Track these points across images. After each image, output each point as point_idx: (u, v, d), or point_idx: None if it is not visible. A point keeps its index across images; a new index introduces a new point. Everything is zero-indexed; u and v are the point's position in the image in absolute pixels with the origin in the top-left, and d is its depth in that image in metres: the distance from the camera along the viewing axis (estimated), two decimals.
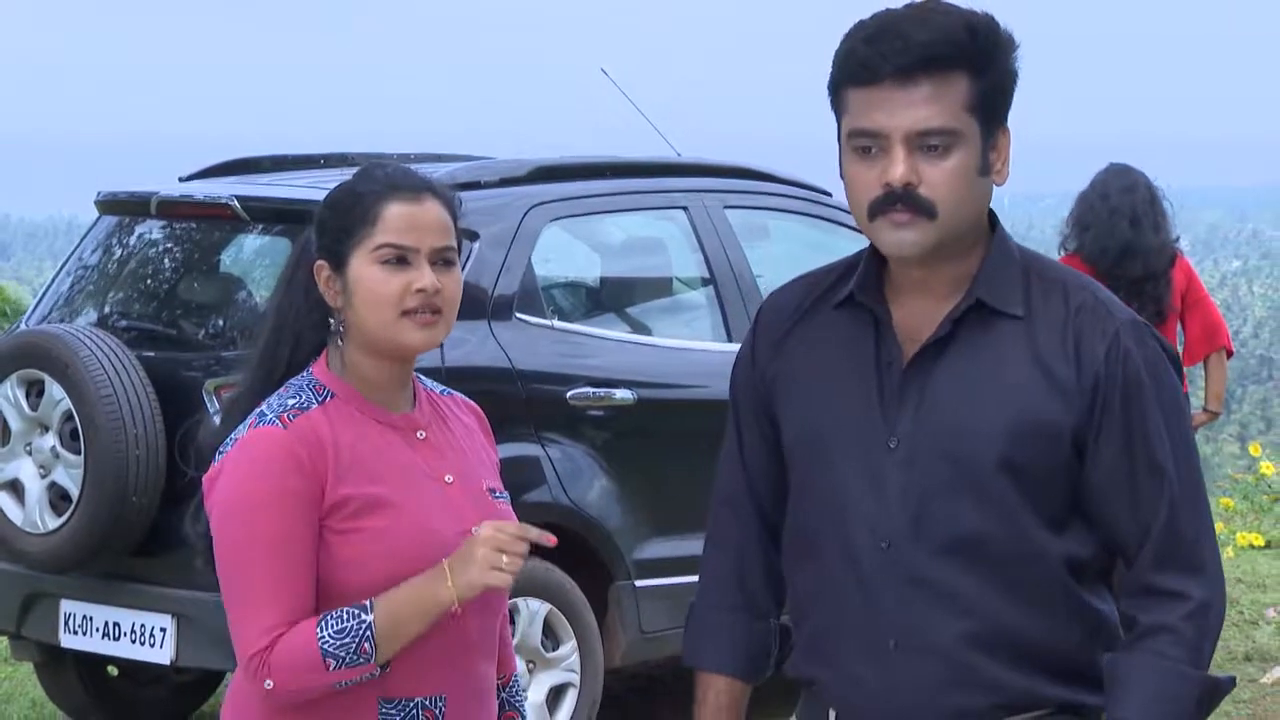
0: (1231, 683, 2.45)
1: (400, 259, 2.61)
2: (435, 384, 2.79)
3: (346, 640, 2.53)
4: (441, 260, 2.63)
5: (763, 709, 5.83)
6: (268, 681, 2.55)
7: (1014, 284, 2.44)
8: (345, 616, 2.54)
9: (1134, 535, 2.41)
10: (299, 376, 2.66)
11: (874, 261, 2.49)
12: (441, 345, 5.45)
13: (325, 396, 2.64)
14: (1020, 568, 2.41)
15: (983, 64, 2.38)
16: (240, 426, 2.63)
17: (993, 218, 2.49)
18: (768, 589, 2.62)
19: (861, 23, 2.41)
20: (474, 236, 5.77)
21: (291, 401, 2.63)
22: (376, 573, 2.58)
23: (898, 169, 2.36)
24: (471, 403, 2.82)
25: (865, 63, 2.36)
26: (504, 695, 2.82)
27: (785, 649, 2.63)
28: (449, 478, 2.66)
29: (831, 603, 2.48)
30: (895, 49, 2.35)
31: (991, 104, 2.40)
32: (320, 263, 2.66)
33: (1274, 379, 42.50)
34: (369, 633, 2.53)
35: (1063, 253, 6.89)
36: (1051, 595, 2.42)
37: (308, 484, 2.58)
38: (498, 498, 2.70)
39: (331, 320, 2.67)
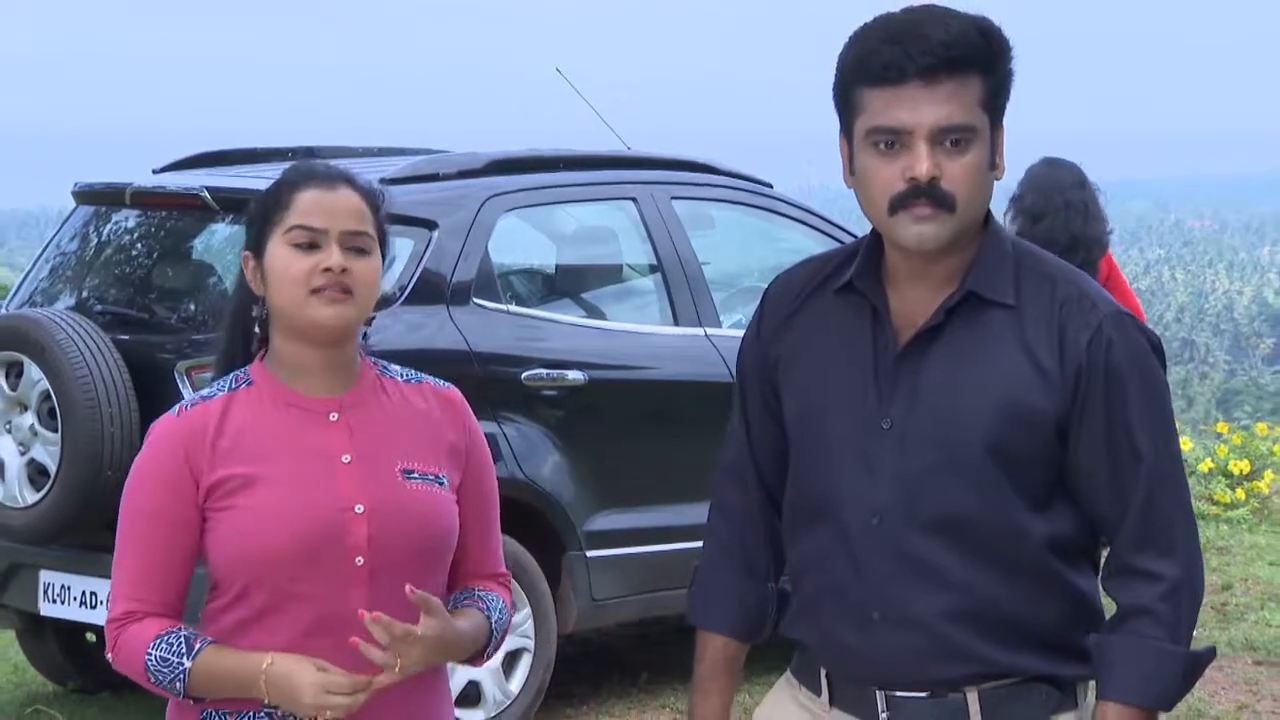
0: (1212, 653, 2.45)
1: (311, 243, 2.57)
2: (405, 370, 2.73)
3: (164, 670, 2.58)
4: (353, 247, 2.58)
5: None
6: (109, 655, 2.63)
7: (1005, 275, 2.42)
8: (173, 648, 2.58)
9: (1113, 517, 2.40)
10: (242, 368, 2.66)
11: (872, 250, 2.47)
12: (402, 329, 5.58)
13: (242, 384, 2.64)
14: (1003, 546, 2.39)
15: (992, 64, 2.37)
16: None
17: (987, 211, 2.48)
18: (767, 554, 2.61)
19: (871, 26, 2.38)
20: (433, 226, 5.76)
21: (206, 391, 2.64)
22: (243, 546, 2.57)
23: (923, 164, 2.33)
24: (446, 390, 2.73)
25: (891, 63, 2.33)
26: (461, 594, 2.74)
27: (782, 611, 2.63)
28: (346, 458, 2.61)
29: (823, 572, 2.47)
30: (920, 49, 2.32)
31: (997, 103, 2.40)
32: (246, 253, 2.64)
33: (1195, 360, 42.78)
34: (182, 675, 2.57)
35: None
36: (1033, 572, 2.40)
37: (177, 471, 2.59)
38: (413, 479, 2.63)
39: (255, 307, 2.64)
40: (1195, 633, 7.47)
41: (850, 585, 2.44)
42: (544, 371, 5.86)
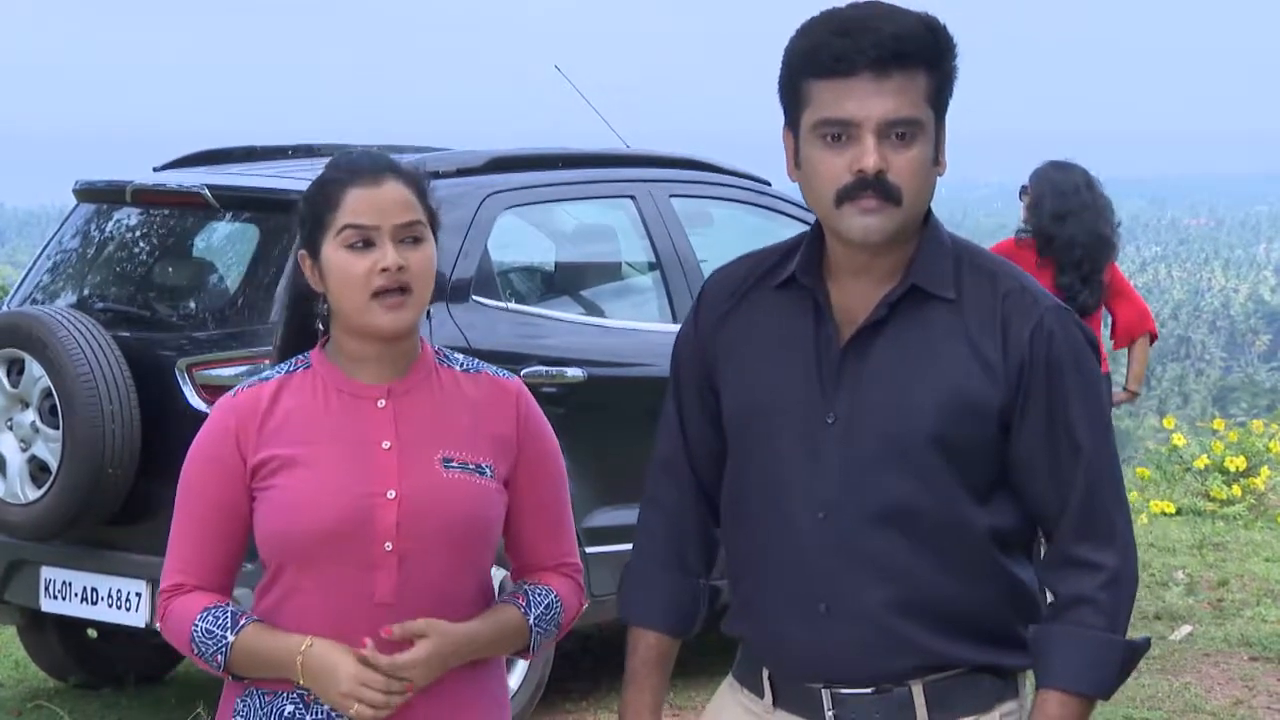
0: (1147, 644, 2.47)
1: (365, 241, 2.59)
2: (468, 359, 2.75)
3: (208, 642, 2.62)
4: (408, 238, 2.60)
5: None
6: (158, 625, 2.69)
7: (946, 269, 2.43)
8: (219, 622, 2.62)
9: (1053, 508, 2.42)
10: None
11: (814, 245, 2.48)
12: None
13: (300, 368, 2.67)
14: (948, 537, 2.40)
15: (938, 60, 2.39)
16: None
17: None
18: (699, 550, 2.62)
19: (818, 20, 2.39)
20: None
21: (268, 374, 2.68)
22: (277, 525, 2.62)
23: (871, 157, 2.33)
24: (504, 380, 2.74)
25: (842, 55, 2.33)
26: (514, 587, 2.76)
27: (713, 608, 2.64)
28: (386, 444, 2.63)
29: (766, 566, 2.48)
30: (871, 42, 2.33)
31: (942, 99, 2.41)
32: (303, 253, 2.67)
33: (1191, 357, 42.80)
34: (224, 649, 2.61)
35: (1024, 235, 6.88)
36: (976, 563, 2.42)
37: (227, 451, 2.64)
38: (451, 467, 2.65)
39: (318, 304, 2.68)
40: (1191, 628, 7.47)
41: (796, 579, 2.45)
42: (543, 369, 5.86)
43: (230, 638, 2.60)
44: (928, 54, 2.36)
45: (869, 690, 2.43)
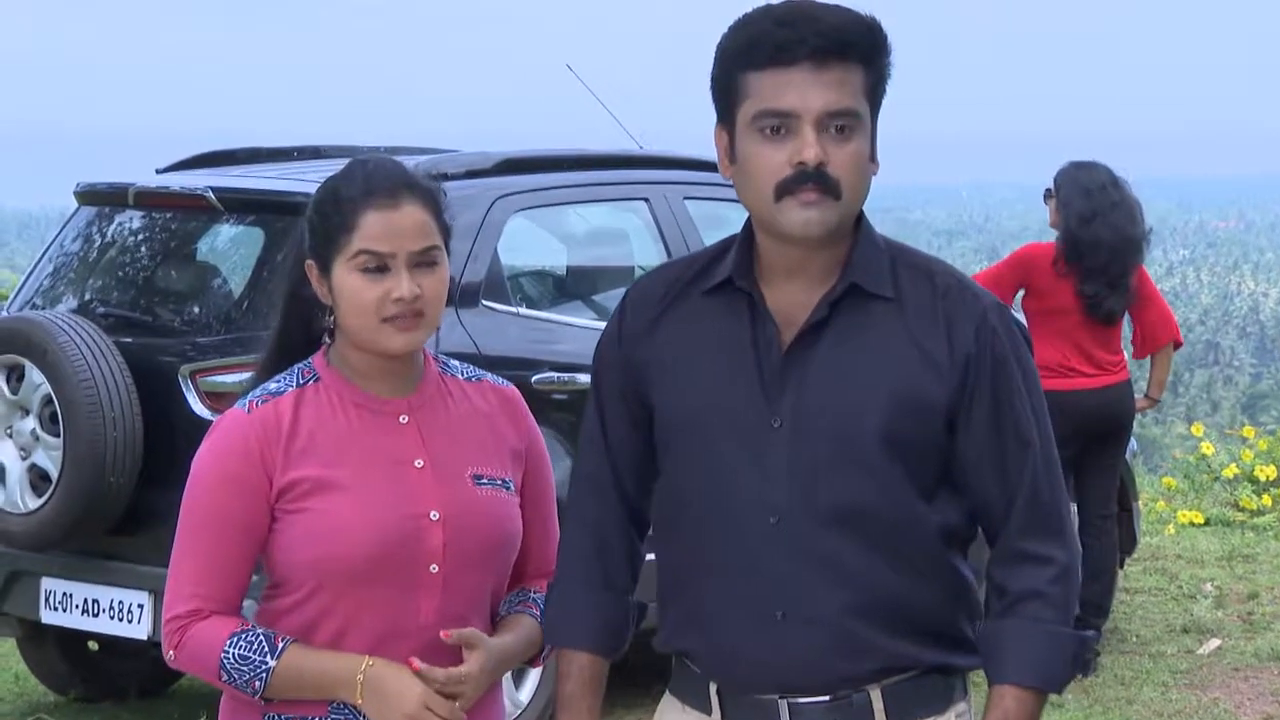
0: (1097, 636, 2.51)
1: (379, 266, 2.58)
2: (465, 367, 2.76)
3: (243, 668, 2.58)
4: (423, 262, 2.59)
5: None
6: (170, 653, 2.62)
7: (882, 268, 2.46)
8: (255, 646, 2.58)
9: (1001, 502, 2.45)
10: (303, 361, 2.68)
11: (746, 247, 2.49)
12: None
13: (309, 380, 2.65)
14: (900, 537, 2.43)
15: (874, 57, 2.42)
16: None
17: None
18: (625, 567, 2.61)
19: (755, 15, 2.41)
20: None
21: (274, 386, 2.65)
22: (317, 551, 2.59)
23: (812, 149, 2.36)
24: (505, 388, 2.77)
25: (784, 44, 2.36)
26: (515, 596, 2.77)
27: (639, 626, 2.64)
28: (419, 462, 2.63)
29: (713, 577, 2.47)
30: (813, 31, 2.36)
31: (876, 96, 2.44)
32: (310, 262, 2.65)
33: (1220, 363, 42.73)
34: (265, 675, 2.57)
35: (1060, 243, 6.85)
36: (926, 562, 2.45)
37: (251, 470, 2.60)
38: (482, 484, 2.66)
39: (324, 317, 2.67)
40: (1220, 642, 7.44)
41: (749, 588, 2.45)
42: (554, 375, 5.86)
43: (271, 663, 2.56)
44: (865, 49, 2.40)
45: (826, 698, 2.45)
